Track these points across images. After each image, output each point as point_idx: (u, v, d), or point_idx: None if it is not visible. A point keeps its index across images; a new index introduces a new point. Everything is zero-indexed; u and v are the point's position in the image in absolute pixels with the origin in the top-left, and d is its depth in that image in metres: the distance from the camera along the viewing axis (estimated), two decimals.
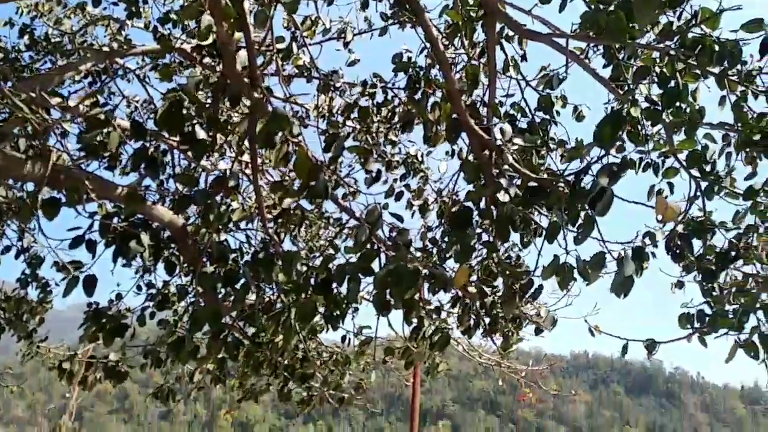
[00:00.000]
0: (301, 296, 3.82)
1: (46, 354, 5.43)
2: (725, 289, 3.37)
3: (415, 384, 8.60)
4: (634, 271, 2.11)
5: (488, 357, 6.18)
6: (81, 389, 12.56)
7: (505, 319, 4.07)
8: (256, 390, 5.58)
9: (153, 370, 5.26)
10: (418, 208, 5.87)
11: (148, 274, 4.46)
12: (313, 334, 5.20)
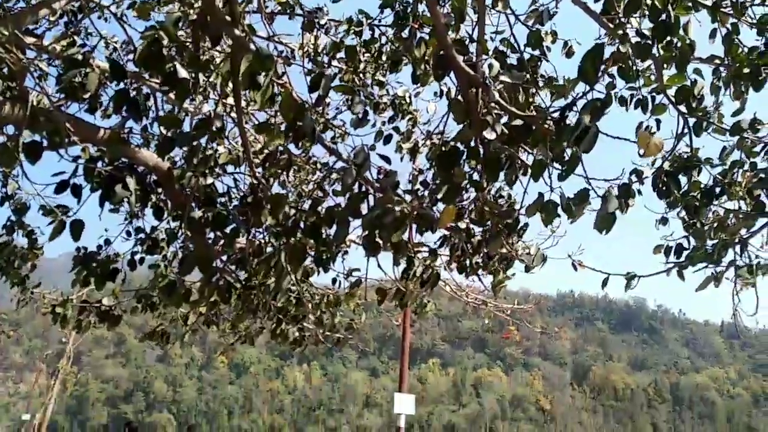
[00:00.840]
0: (290, 239, 3.84)
1: (40, 300, 5.47)
2: (707, 224, 3.43)
3: (405, 324, 8.81)
4: (617, 208, 2.13)
5: (476, 296, 6.32)
6: (76, 333, 12.80)
7: (493, 258, 4.14)
8: (250, 332, 5.69)
9: (147, 314, 5.35)
10: (408, 151, 5.85)
11: (136, 220, 4.45)
12: (304, 277, 5.28)
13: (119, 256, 4.11)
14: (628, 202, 3.37)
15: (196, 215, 3.35)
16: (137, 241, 4.03)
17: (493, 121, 2.18)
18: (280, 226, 3.70)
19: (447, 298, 51.21)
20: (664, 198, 3.57)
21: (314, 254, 4.23)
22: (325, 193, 4.43)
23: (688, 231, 3.60)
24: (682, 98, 2.96)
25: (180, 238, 4.04)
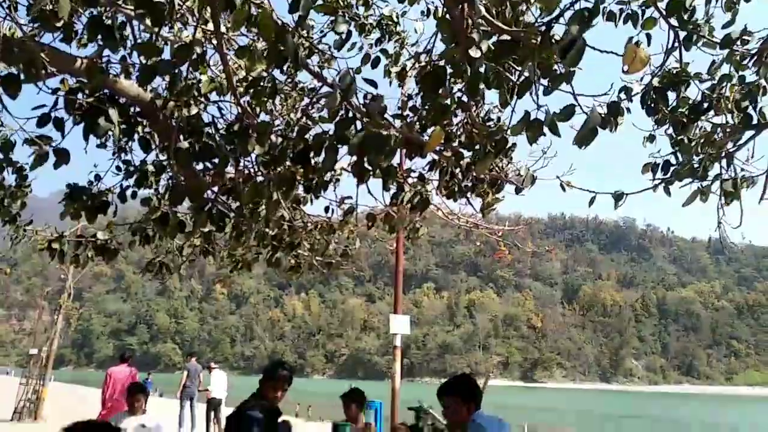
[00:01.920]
0: (279, 168, 3.84)
1: (34, 236, 5.49)
2: (694, 140, 3.45)
3: (398, 249, 8.96)
4: (599, 124, 2.14)
5: (467, 220, 6.40)
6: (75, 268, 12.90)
7: (482, 180, 4.17)
8: (246, 260, 5.78)
9: (145, 250, 5.41)
10: (396, 75, 5.73)
11: (124, 154, 4.42)
12: (296, 205, 5.31)
13: (110, 190, 4.11)
14: (616, 120, 3.36)
15: (182, 146, 3.33)
16: (126, 174, 4.02)
17: (479, 38, 2.14)
18: (268, 154, 3.69)
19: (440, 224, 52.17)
20: (652, 115, 3.57)
21: (304, 182, 4.24)
22: (313, 121, 4.39)
23: (675, 147, 3.62)
24: (673, 9, 2.89)
25: (169, 170, 4.02)
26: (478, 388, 3.08)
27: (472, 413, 2.96)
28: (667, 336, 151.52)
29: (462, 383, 3.11)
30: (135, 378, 10.18)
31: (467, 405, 2.98)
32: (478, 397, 3.03)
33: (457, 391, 3.05)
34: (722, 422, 34.70)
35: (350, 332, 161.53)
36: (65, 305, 16.16)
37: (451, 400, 3.04)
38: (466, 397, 3.01)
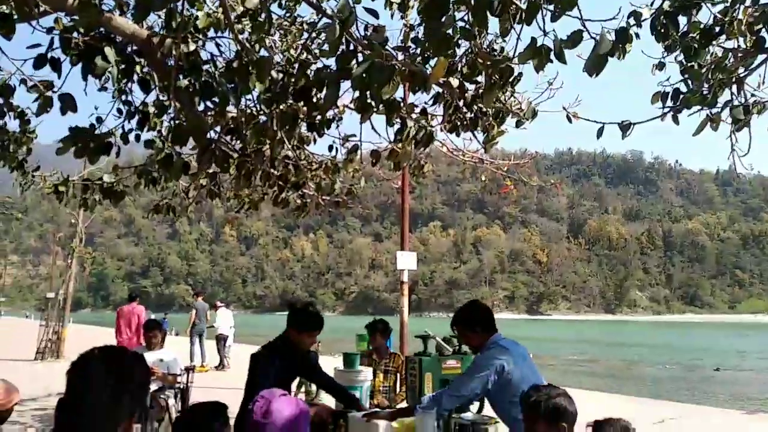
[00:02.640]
0: (281, 105, 3.80)
1: (41, 182, 5.53)
2: (704, 66, 3.35)
3: (404, 187, 8.96)
4: (609, 50, 2.08)
5: (472, 155, 6.37)
6: (84, 211, 13.02)
7: (486, 113, 4.11)
8: (253, 200, 5.82)
9: (153, 195, 5.44)
10: (398, 5, 5.54)
11: (124, 96, 4.37)
12: (300, 143, 5.29)
13: (112, 132, 4.09)
14: (625, 47, 3.27)
15: (182, 84, 3.28)
16: (127, 115, 3.99)
17: None
18: (269, 92, 3.63)
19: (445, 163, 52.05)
20: (662, 41, 3.46)
21: (307, 120, 4.20)
22: (314, 56, 4.29)
23: (685, 74, 3.53)
24: None
25: (170, 110, 3.99)
26: (488, 312, 3.15)
27: (490, 336, 3.04)
28: (671, 267, 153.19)
29: (472, 310, 3.20)
30: (137, 313, 10.45)
31: (480, 329, 3.07)
32: (489, 320, 3.10)
33: (468, 319, 3.14)
34: (728, 349, 35.62)
35: (359, 271, 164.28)
36: (78, 249, 16.43)
37: (464, 328, 3.14)
38: (478, 322, 3.09)
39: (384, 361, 5.03)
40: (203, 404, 2.46)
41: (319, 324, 3.55)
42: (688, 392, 16.66)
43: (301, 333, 3.47)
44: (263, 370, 3.27)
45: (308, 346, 3.55)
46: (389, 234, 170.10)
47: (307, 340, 3.50)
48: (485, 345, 3.03)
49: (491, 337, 3.05)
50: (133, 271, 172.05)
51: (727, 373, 22.85)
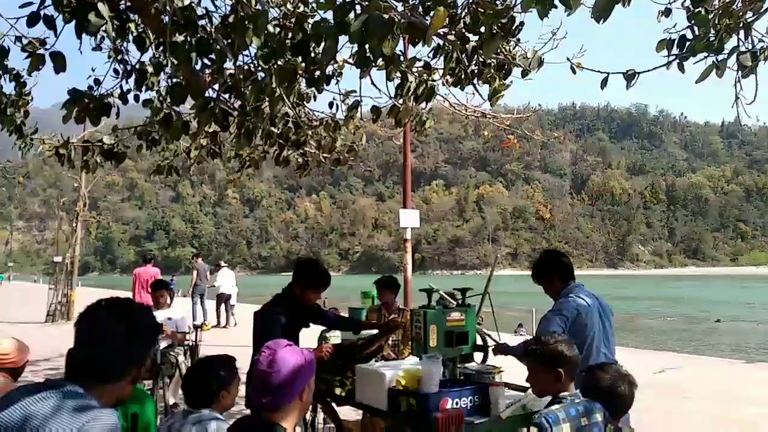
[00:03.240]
0: (279, 61, 3.73)
1: (41, 145, 5.51)
2: (711, 11, 3.27)
3: (406, 144, 8.90)
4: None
5: (474, 110, 6.29)
6: (85, 173, 13.00)
7: (489, 65, 4.04)
8: (254, 158, 5.79)
9: (155, 158, 5.42)
10: None
11: (120, 55, 4.30)
12: (300, 100, 5.22)
13: (110, 94, 4.04)
14: None
15: (178, 40, 3.22)
16: (124, 74, 3.93)
17: None
18: (266, 47, 3.56)
19: (448, 120, 51.67)
20: None
21: (306, 75, 4.14)
22: (311, 9, 4.19)
23: (692, 21, 3.44)
24: None
25: (167, 68, 3.93)
26: (564, 261, 3.25)
27: (567, 284, 3.14)
28: (674, 221, 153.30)
29: (549, 259, 3.31)
30: (152, 274, 10.95)
31: (557, 277, 3.17)
32: (566, 268, 3.20)
33: (545, 267, 3.26)
34: (730, 301, 35.97)
35: (362, 230, 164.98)
36: (82, 214, 16.51)
37: (541, 276, 3.25)
38: (554, 270, 3.20)
39: (393, 316, 5.11)
40: (212, 356, 2.53)
41: (326, 281, 3.61)
42: (689, 343, 16.95)
43: (308, 288, 3.53)
44: (270, 324, 3.34)
45: (313, 301, 3.62)
46: (392, 194, 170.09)
47: (312, 296, 3.57)
48: (562, 293, 3.12)
49: (569, 286, 3.14)
50: (138, 234, 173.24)
51: (728, 324, 23.16)
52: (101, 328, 1.47)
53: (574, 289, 3.12)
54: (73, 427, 1.30)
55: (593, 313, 3.03)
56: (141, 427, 2.46)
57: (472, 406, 2.66)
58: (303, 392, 1.79)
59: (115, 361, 1.47)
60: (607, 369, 2.35)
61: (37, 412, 1.33)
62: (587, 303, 3.04)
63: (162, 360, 5.20)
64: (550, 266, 3.25)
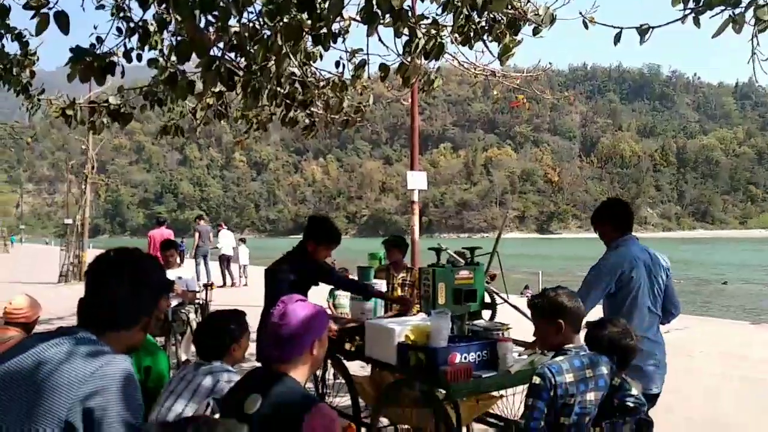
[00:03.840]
0: (284, 17, 3.66)
1: (48, 106, 5.49)
2: None
3: (413, 104, 8.78)
4: None
5: (484, 67, 6.18)
6: (93, 134, 12.99)
7: (499, 21, 3.94)
8: (261, 119, 5.75)
9: (155, 111, 5.38)
10: None
11: (123, 13, 4.23)
12: (306, 59, 5.14)
13: (114, 52, 3.99)
14: None
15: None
16: (128, 32, 3.87)
17: None
18: (271, 3, 3.49)
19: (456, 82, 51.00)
20: None
21: (312, 32, 4.06)
22: None
23: None
24: None
25: (170, 26, 3.87)
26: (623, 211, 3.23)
27: (621, 235, 3.13)
28: (684, 184, 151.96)
29: (608, 206, 3.28)
30: (167, 236, 11.18)
31: (611, 226, 3.16)
32: (622, 219, 3.18)
33: (602, 213, 3.24)
34: (738, 263, 35.94)
35: (369, 194, 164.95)
36: (91, 176, 16.58)
37: (597, 222, 3.24)
38: (609, 218, 3.19)
39: (401, 275, 5.15)
40: (222, 311, 2.58)
41: (337, 237, 3.69)
42: (696, 305, 17.02)
43: (319, 245, 3.59)
44: (279, 281, 3.39)
45: (323, 258, 3.67)
46: (399, 157, 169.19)
47: (323, 253, 3.64)
48: (613, 244, 3.13)
49: (621, 237, 3.12)
50: (147, 197, 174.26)
51: (735, 286, 23.21)
52: (111, 276, 1.49)
53: (626, 241, 3.11)
54: (87, 372, 1.33)
55: (639, 268, 3.00)
56: (154, 378, 2.53)
57: (480, 360, 2.70)
58: (313, 346, 1.81)
59: (124, 309, 1.49)
60: (612, 323, 2.37)
61: (51, 357, 1.36)
62: (635, 257, 3.03)
63: (173, 318, 5.30)
64: (606, 214, 3.24)
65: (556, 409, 2.06)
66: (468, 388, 2.57)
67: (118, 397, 1.33)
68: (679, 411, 4.91)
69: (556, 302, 2.18)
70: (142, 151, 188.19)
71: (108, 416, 1.32)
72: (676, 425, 4.52)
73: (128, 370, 1.39)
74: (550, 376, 2.03)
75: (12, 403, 1.31)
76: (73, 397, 1.30)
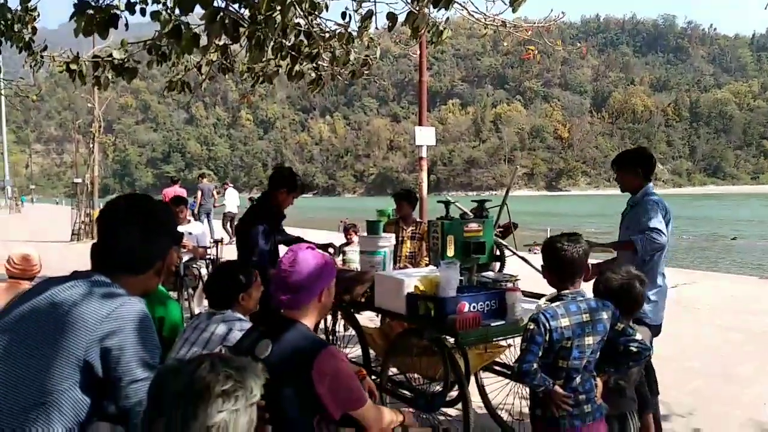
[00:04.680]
0: None
1: (51, 62, 5.43)
2: None
3: (422, 57, 8.60)
4: None
5: (494, 17, 6.00)
6: (97, 90, 12.87)
7: None
8: (267, 73, 5.67)
9: (160, 65, 5.31)
10: None
11: None
12: (312, 10, 5.02)
13: (116, 6, 3.91)
14: None
15: None
16: None
17: None
18: None
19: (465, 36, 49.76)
20: None
21: None
22: None
23: None
24: None
25: None
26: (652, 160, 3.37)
27: (647, 183, 3.30)
28: (696, 139, 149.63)
29: (639, 153, 3.43)
30: (179, 194, 11.41)
31: (642, 172, 3.30)
32: (651, 167, 3.34)
33: (634, 160, 3.36)
34: (748, 219, 35.69)
35: (377, 152, 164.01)
36: (98, 135, 16.56)
37: (626, 168, 3.36)
38: (641, 165, 3.32)
39: (411, 228, 5.16)
40: (233, 260, 2.61)
41: (305, 187, 4.09)
42: (705, 261, 17.01)
43: (290, 194, 3.89)
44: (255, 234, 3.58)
45: (288, 205, 3.95)
46: (407, 114, 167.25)
47: (291, 201, 3.94)
48: (644, 191, 3.29)
49: (647, 186, 3.31)
50: (155, 157, 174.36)
51: (745, 241, 23.11)
52: (123, 221, 1.50)
53: (653, 192, 3.29)
54: (103, 313, 1.35)
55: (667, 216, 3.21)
56: (168, 328, 2.58)
57: (488, 310, 2.73)
58: (322, 293, 1.84)
59: (137, 253, 1.51)
60: (619, 269, 2.38)
61: (66, 299, 1.38)
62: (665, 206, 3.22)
63: (185, 272, 5.37)
64: (640, 160, 3.35)
65: (554, 353, 2.11)
66: (476, 335, 2.60)
67: (134, 337, 1.36)
68: (684, 362, 4.98)
69: (554, 250, 2.19)
70: (148, 110, 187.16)
71: (125, 355, 1.35)
72: (680, 376, 4.58)
73: (144, 312, 1.41)
74: (544, 321, 2.08)
75: (33, 342, 1.34)
76: (90, 338, 1.32)
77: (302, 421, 1.69)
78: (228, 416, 0.96)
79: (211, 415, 0.95)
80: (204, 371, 0.98)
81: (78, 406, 1.35)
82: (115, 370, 1.34)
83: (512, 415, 3.54)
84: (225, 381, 0.98)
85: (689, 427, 3.65)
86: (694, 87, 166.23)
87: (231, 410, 0.97)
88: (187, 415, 0.95)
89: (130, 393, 1.36)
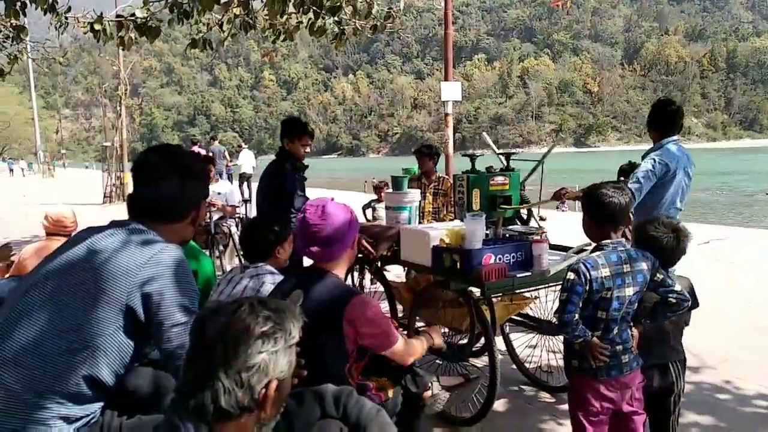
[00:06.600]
0: None
1: (75, 23, 5.46)
2: None
3: (447, 11, 8.40)
4: None
5: None
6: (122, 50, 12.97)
7: None
8: (288, 28, 5.61)
9: (182, 24, 5.29)
10: None
11: None
12: None
13: None
14: None
15: None
16: None
17: None
18: None
19: None
20: None
21: None
22: None
23: None
24: None
25: None
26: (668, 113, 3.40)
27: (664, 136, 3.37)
28: (732, 91, 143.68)
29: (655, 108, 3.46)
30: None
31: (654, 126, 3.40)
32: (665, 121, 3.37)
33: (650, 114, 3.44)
34: None
35: (401, 111, 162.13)
36: (125, 99, 16.71)
37: (648, 130, 3.45)
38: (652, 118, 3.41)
39: (433, 184, 5.15)
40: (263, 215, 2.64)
41: (307, 128, 4.01)
42: (737, 216, 16.59)
43: (293, 141, 3.94)
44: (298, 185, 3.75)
45: (302, 152, 3.99)
46: (431, 71, 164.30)
47: (301, 148, 3.97)
48: (659, 144, 3.36)
49: (664, 139, 3.35)
50: (180, 120, 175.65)
51: None
52: (156, 170, 1.53)
53: (671, 141, 3.34)
54: (142, 259, 1.39)
55: (680, 169, 3.28)
56: (201, 282, 2.65)
57: (515, 261, 2.73)
58: (354, 242, 1.89)
59: (173, 201, 1.54)
60: (658, 221, 2.32)
61: (106, 247, 1.42)
62: (679, 156, 3.28)
63: (216, 230, 5.47)
64: (652, 111, 3.42)
65: (594, 304, 2.08)
66: (502, 286, 2.61)
67: (173, 283, 1.40)
68: (720, 315, 4.93)
69: (597, 197, 2.15)
70: (171, 72, 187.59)
71: (165, 300, 1.39)
72: (716, 330, 4.54)
73: (181, 258, 1.45)
74: (585, 271, 2.03)
75: (76, 288, 1.39)
76: (131, 283, 1.37)
77: (335, 367, 1.74)
78: (268, 357, 0.99)
79: (252, 355, 0.97)
80: (244, 313, 1.01)
81: (123, 349, 1.41)
82: (156, 315, 1.39)
83: (540, 368, 3.58)
84: (264, 322, 1.00)
85: (720, 377, 3.64)
86: (731, 35, 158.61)
87: (271, 351, 0.99)
88: (227, 356, 0.97)
89: (172, 336, 1.41)
